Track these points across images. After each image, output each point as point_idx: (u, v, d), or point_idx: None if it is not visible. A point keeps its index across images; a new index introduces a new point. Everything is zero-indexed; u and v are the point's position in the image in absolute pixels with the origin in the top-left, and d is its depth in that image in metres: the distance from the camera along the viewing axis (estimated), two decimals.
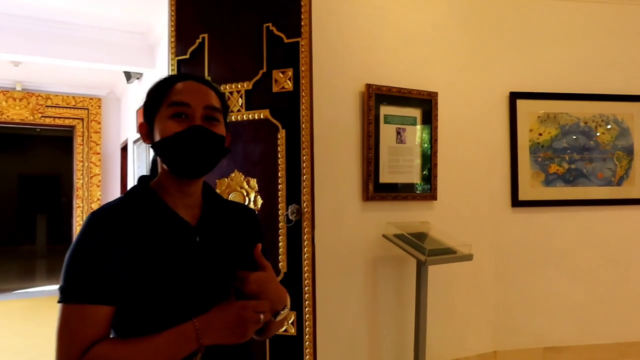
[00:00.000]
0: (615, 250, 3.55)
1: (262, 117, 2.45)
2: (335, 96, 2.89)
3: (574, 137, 3.50)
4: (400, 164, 3.10)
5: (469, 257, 2.71)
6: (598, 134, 3.54)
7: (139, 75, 5.76)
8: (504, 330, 3.40)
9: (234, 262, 1.11)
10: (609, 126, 3.56)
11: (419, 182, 3.14)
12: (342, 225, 2.89)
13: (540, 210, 3.45)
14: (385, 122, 3.08)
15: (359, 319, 2.93)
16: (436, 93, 3.18)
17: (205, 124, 1.06)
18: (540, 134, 3.46)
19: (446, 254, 2.70)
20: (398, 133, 3.11)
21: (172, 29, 2.73)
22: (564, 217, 3.49)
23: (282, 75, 2.43)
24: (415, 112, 3.16)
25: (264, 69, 2.47)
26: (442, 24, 3.32)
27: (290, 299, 1.15)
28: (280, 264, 2.34)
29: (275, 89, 2.44)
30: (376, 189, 2.99)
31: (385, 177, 3.04)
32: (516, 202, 3.39)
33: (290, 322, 2.31)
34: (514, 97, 3.45)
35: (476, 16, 3.44)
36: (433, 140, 3.17)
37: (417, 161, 3.15)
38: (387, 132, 3.07)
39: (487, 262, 3.36)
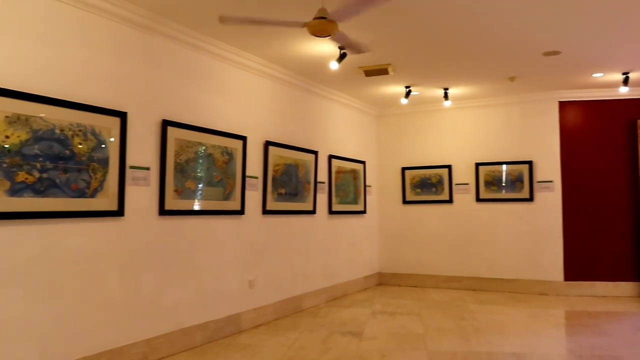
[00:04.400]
0: (85, 263, 3.60)
1: None
2: None
3: (49, 144, 3.35)
4: None
5: None
6: (75, 144, 3.52)
7: None
8: None
9: None
10: (86, 136, 3.61)
11: None
12: None
13: (5, 224, 3.09)
14: None
15: None
16: None
17: None
18: (8, 137, 3.12)
19: None
20: None
21: None
22: (32, 230, 3.25)
23: None
24: None
25: None
26: None
27: None
28: None
29: None
30: None
31: None
32: None
33: None
34: None
35: None
36: None
37: None
38: None
39: None
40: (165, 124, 4.30)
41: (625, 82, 6.10)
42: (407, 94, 6.70)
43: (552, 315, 5.72)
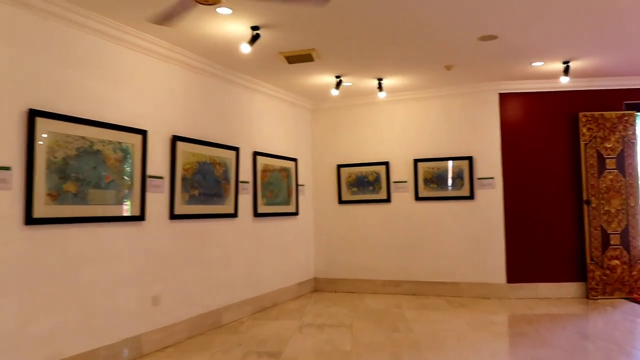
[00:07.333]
0: None
1: None
2: None
3: None
4: None
5: None
6: None
7: None
8: None
9: None
10: None
11: None
12: None
13: None
14: None
15: None
16: None
17: None
18: None
19: None
20: None
21: None
22: None
23: None
24: None
25: None
26: None
27: None
28: None
29: None
30: None
31: None
32: None
33: None
34: None
35: None
36: None
37: None
38: None
39: None
40: (34, 114, 3.60)
41: (566, 71, 5.82)
42: (338, 85, 6.20)
43: (493, 322, 5.35)
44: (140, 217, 4.48)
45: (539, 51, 5.38)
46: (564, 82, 6.07)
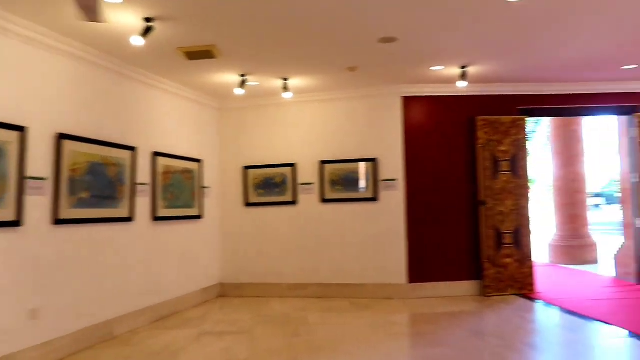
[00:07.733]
0: None
1: None
2: None
3: None
4: None
5: None
6: None
7: None
8: None
9: None
10: None
11: None
12: None
13: None
14: None
15: None
16: None
17: None
18: None
19: None
20: None
21: None
22: None
23: None
24: None
25: None
26: None
27: None
28: None
29: None
30: None
31: None
32: None
33: None
34: None
35: None
36: None
37: None
38: None
39: None
40: None
41: (463, 76, 6.12)
42: (242, 84, 6.11)
43: (393, 323, 5.50)
44: (16, 223, 4.12)
45: (438, 55, 5.60)
46: (461, 87, 6.37)
